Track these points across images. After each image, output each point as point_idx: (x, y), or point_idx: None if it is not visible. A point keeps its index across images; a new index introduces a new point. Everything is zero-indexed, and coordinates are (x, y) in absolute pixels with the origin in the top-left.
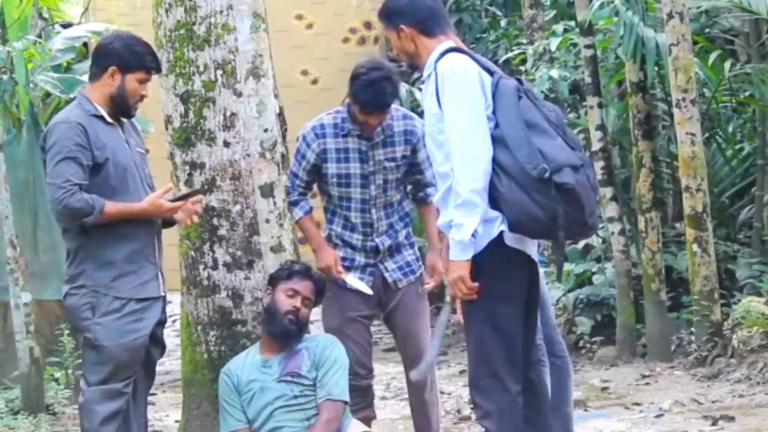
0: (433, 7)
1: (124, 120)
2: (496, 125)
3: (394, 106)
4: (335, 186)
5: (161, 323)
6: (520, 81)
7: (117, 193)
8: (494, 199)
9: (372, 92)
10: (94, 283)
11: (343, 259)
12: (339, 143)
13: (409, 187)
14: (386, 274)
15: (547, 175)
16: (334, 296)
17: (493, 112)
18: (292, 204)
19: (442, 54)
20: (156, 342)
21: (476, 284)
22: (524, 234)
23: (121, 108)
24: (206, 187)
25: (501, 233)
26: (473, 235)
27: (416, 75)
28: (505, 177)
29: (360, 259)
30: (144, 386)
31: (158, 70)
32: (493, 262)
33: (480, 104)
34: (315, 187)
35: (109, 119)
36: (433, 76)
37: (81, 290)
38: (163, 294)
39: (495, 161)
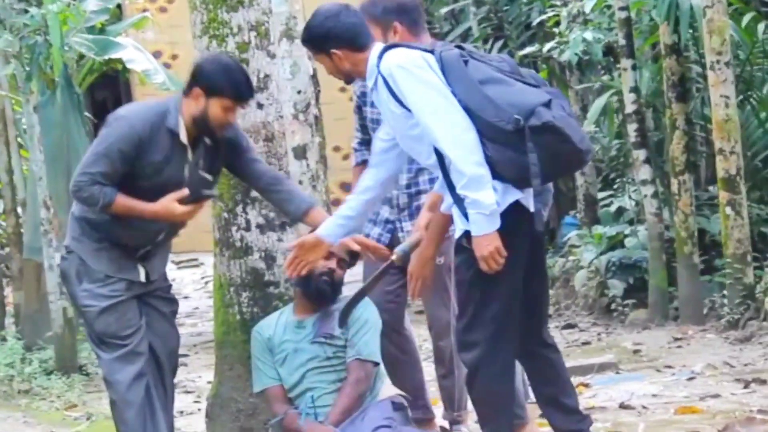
0: (356, 23)
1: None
2: (458, 99)
3: None
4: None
5: (173, 313)
6: (461, 47)
7: (147, 196)
8: (490, 167)
9: None
10: (81, 249)
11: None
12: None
13: None
14: (399, 234)
15: (522, 123)
16: None
17: (449, 86)
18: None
19: (379, 57)
20: (170, 330)
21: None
22: (530, 186)
23: (204, 131)
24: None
25: (512, 203)
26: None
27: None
28: (489, 142)
29: (383, 213)
30: (169, 379)
31: (247, 100)
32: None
33: (438, 83)
34: None
35: (183, 140)
36: (380, 80)
37: (71, 255)
38: (143, 281)
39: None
